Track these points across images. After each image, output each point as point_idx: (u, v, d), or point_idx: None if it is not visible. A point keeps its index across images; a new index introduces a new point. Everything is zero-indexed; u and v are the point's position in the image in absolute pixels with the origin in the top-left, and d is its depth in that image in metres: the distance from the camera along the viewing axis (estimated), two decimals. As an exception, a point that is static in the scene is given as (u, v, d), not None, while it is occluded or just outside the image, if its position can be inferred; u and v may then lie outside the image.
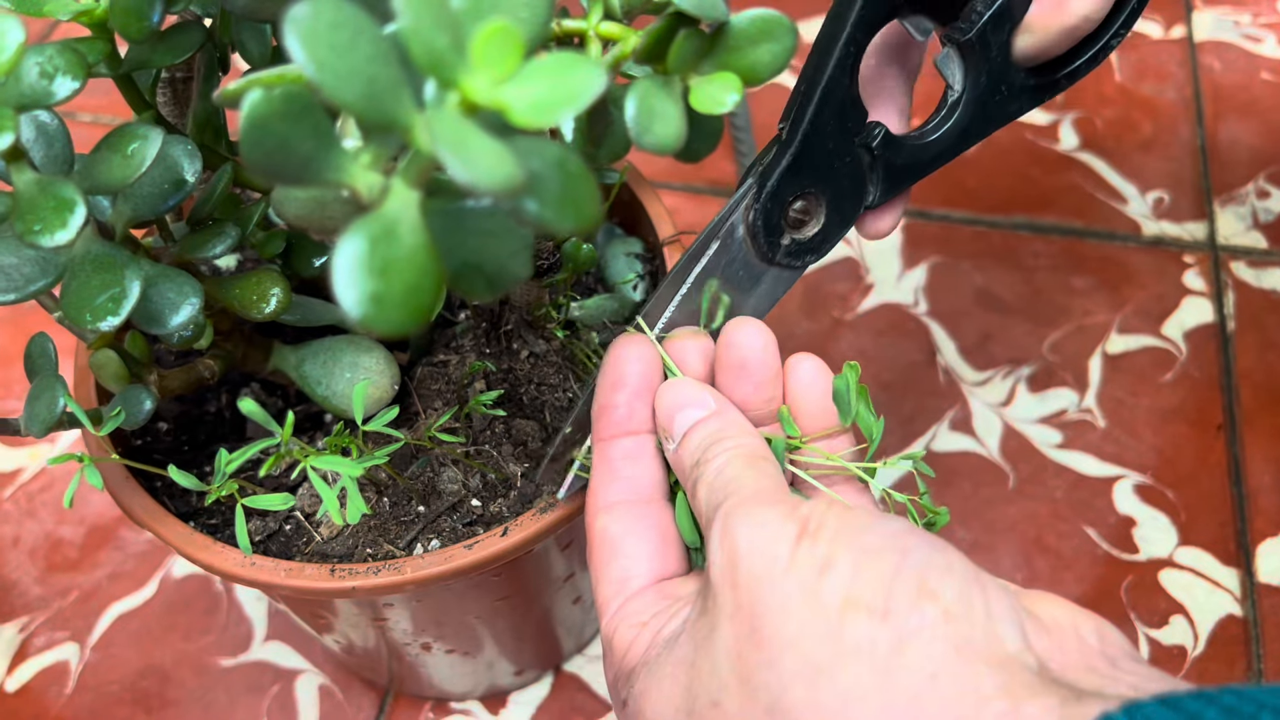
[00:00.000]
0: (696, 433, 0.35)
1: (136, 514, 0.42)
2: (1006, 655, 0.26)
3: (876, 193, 0.38)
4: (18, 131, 0.25)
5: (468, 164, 0.19)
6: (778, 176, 0.36)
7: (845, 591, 0.27)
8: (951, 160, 0.39)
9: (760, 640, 0.27)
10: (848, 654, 0.26)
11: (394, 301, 0.21)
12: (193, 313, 0.33)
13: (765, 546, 0.28)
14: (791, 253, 0.38)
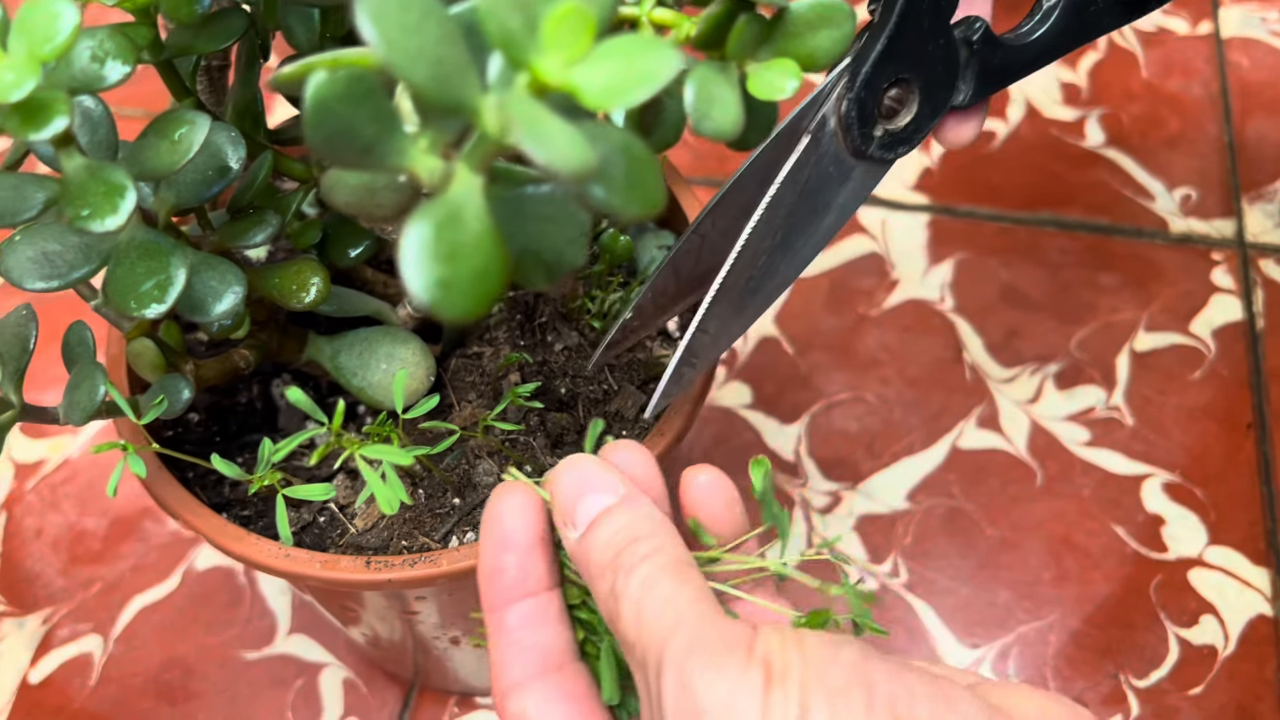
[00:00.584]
0: (605, 525, 0.31)
1: (170, 505, 0.42)
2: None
3: (968, 91, 0.37)
4: (72, 116, 0.25)
5: (545, 147, 0.19)
6: (873, 62, 0.35)
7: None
8: (1039, 69, 0.38)
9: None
10: None
11: (461, 287, 0.21)
12: (236, 301, 0.32)
13: (732, 701, 0.27)
14: (884, 144, 0.37)
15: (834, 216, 0.37)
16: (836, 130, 0.35)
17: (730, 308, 0.37)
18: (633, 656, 0.29)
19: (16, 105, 0.25)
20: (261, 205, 0.36)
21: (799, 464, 0.66)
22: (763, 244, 0.36)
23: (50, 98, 0.25)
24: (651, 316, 0.39)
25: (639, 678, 0.29)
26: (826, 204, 0.37)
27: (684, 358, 0.37)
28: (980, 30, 0.36)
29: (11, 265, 0.31)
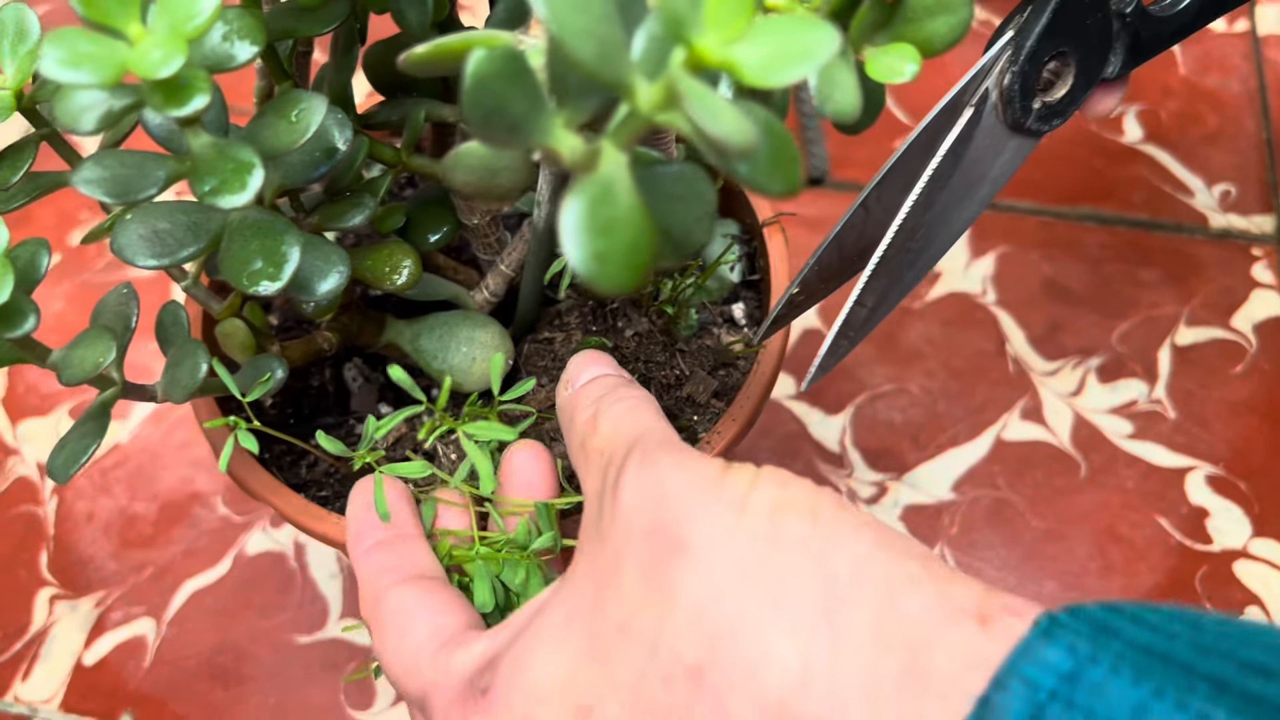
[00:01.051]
0: (601, 382, 0.35)
1: (251, 486, 0.42)
2: (924, 553, 0.27)
3: (1118, 63, 0.38)
4: (212, 94, 0.26)
5: (716, 121, 0.19)
6: (1037, 36, 0.35)
7: (775, 500, 0.27)
8: (1183, 40, 0.39)
9: (685, 547, 0.27)
10: (781, 549, 0.26)
11: (616, 259, 0.21)
12: (340, 281, 0.33)
13: (692, 472, 0.29)
14: (1041, 116, 0.38)
15: (988, 188, 0.38)
16: (998, 103, 0.36)
17: (887, 281, 0.38)
18: (596, 465, 0.32)
19: (159, 82, 0.25)
20: (357, 188, 0.36)
21: (844, 455, 0.67)
22: (922, 217, 0.37)
23: (192, 75, 0.25)
24: (816, 291, 0.40)
25: (592, 480, 0.32)
26: (981, 176, 0.38)
27: (841, 331, 0.38)
28: (1134, 2, 0.37)
29: (124, 243, 0.31)
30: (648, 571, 0.27)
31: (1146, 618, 0.24)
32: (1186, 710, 0.21)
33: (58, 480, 0.33)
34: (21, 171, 0.35)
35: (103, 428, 0.34)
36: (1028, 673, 0.23)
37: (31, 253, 0.31)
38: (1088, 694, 0.22)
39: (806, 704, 0.25)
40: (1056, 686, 0.22)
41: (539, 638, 0.29)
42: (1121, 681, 0.22)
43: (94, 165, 0.29)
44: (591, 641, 0.28)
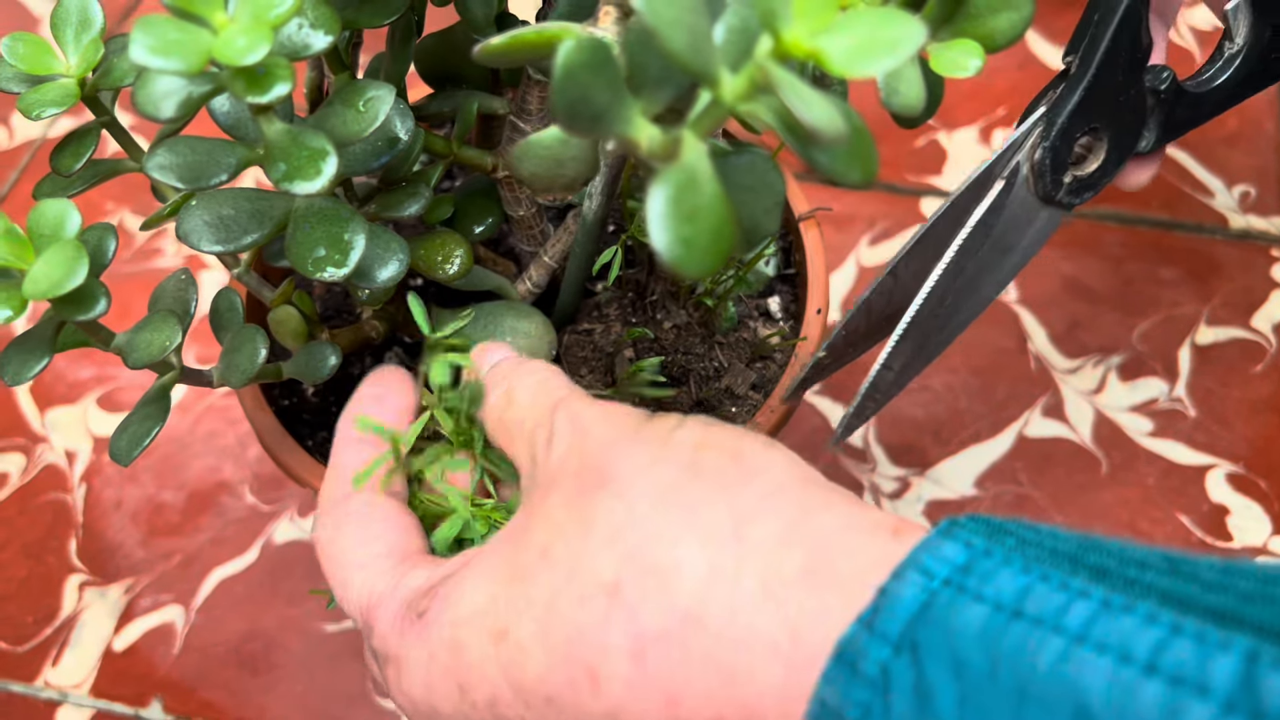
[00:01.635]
0: (507, 362, 0.35)
1: (296, 471, 0.43)
2: (847, 493, 0.29)
3: (1152, 138, 0.38)
4: (294, 81, 0.26)
5: (810, 109, 0.20)
6: (1069, 113, 0.36)
7: (699, 438, 0.29)
8: (1219, 114, 0.39)
9: (607, 479, 0.28)
10: (699, 477, 0.28)
11: (701, 245, 0.22)
12: (400, 269, 0.33)
13: (616, 419, 0.30)
14: (1072, 190, 0.38)
15: (1017, 257, 0.39)
16: (1029, 177, 0.37)
17: (914, 345, 0.38)
18: (518, 434, 0.32)
19: (241, 70, 0.26)
20: (411, 178, 0.37)
21: (867, 450, 0.68)
22: (951, 285, 0.38)
23: (273, 63, 0.26)
24: (843, 355, 0.41)
25: (520, 448, 0.32)
26: (1011, 245, 0.39)
27: (868, 393, 0.39)
28: (1168, 80, 0.37)
29: (189, 229, 0.32)
30: (571, 502, 0.29)
31: (1039, 527, 0.26)
32: (1068, 590, 0.23)
33: (120, 462, 0.34)
34: (84, 158, 0.35)
35: (164, 410, 0.35)
36: (925, 563, 0.24)
37: (99, 236, 0.32)
38: (978, 580, 0.24)
39: (711, 607, 0.26)
40: (950, 575, 0.24)
41: (472, 569, 0.31)
42: (1011, 570, 0.24)
43: (167, 151, 0.30)
44: (514, 568, 0.29)
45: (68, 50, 0.35)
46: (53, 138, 0.86)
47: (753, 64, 0.22)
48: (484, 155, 0.40)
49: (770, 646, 0.25)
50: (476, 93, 0.39)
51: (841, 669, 0.24)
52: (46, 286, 0.29)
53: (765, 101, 0.23)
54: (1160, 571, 0.23)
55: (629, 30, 0.24)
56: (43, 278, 0.29)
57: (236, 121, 0.32)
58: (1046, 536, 0.25)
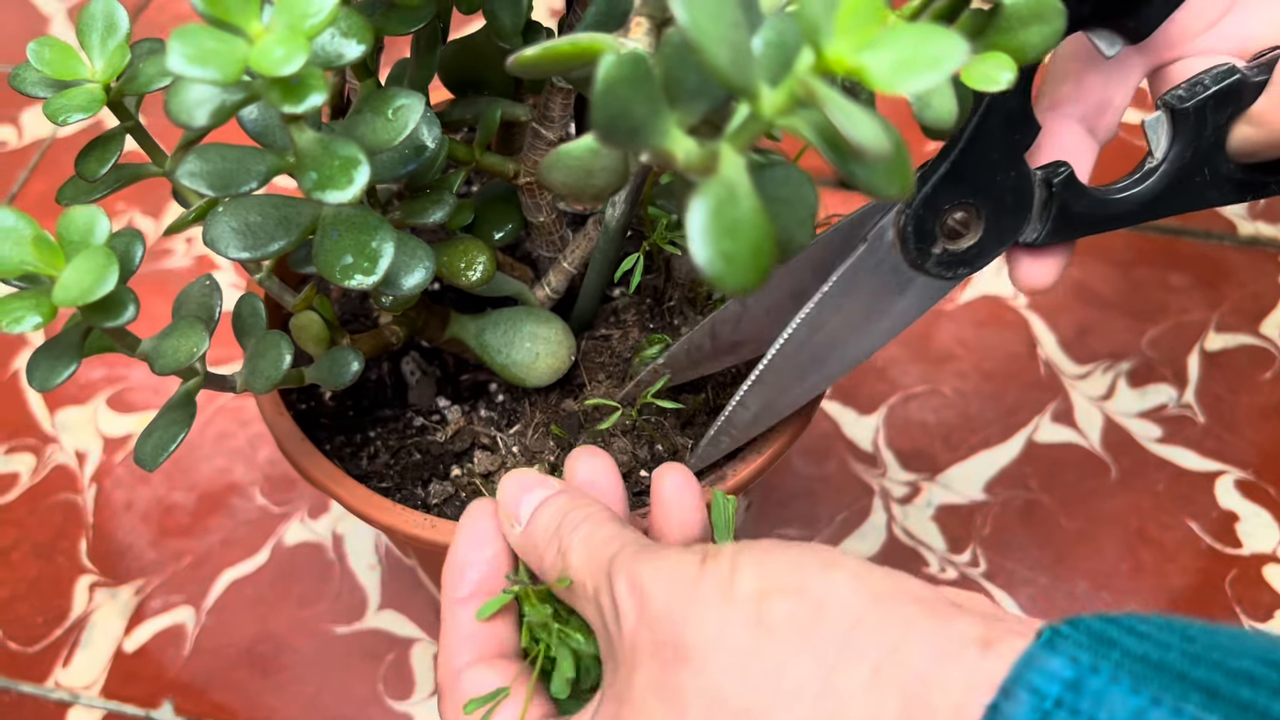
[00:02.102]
0: (548, 507, 0.34)
1: (315, 476, 0.43)
2: (920, 594, 0.28)
3: (1043, 230, 0.37)
4: (328, 91, 0.26)
5: (855, 126, 0.20)
6: (934, 182, 0.35)
7: (757, 584, 0.28)
8: (1128, 226, 0.37)
9: (684, 654, 0.28)
10: (772, 632, 0.27)
11: (741, 260, 0.22)
12: (426, 276, 0.34)
13: (673, 576, 0.29)
14: (943, 262, 0.37)
15: (889, 322, 0.38)
16: (895, 241, 0.36)
17: (773, 391, 0.38)
18: (584, 597, 0.32)
19: (276, 79, 0.26)
20: (435, 185, 0.37)
21: (877, 454, 0.68)
22: (812, 336, 0.37)
23: (307, 73, 0.26)
24: (684, 368, 0.41)
25: (592, 614, 0.32)
26: (881, 310, 0.38)
27: (723, 427, 0.39)
28: (1064, 175, 0.36)
29: (216, 235, 0.32)
30: (658, 685, 0.28)
31: (1140, 628, 0.25)
32: (1182, 715, 0.22)
33: (146, 468, 0.34)
34: (110, 164, 0.35)
35: (190, 416, 0.35)
36: (1034, 681, 0.24)
37: (127, 242, 0.32)
38: (1091, 701, 0.23)
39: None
40: (1061, 694, 0.24)
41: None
42: (1121, 689, 0.23)
43: (197, 159, 0.30)
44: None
45: (93, 55, 0.35)
46: (64, 137, 0.86)
47: (793, 78, 0.22)
48: (505, 162, 0.40)
49: None
50: (499, 99, 0.39)
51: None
52: (77, 294, 0.29)
53: (804, 115, 0.23)
54: (1272, 691, 0.23)
55: (667, 43, 0.24)
56: (73, 284, 0.29)
57: (265, 129, 0.32)
58: (1151, 645, 0.24)
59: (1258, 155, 0.36)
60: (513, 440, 0.45)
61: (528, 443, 0.45)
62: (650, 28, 0.29)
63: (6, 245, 0.30)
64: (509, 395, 0.47)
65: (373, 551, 0.65)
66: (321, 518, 0.67)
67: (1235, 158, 0.36)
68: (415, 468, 0.46)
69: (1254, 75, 0.35)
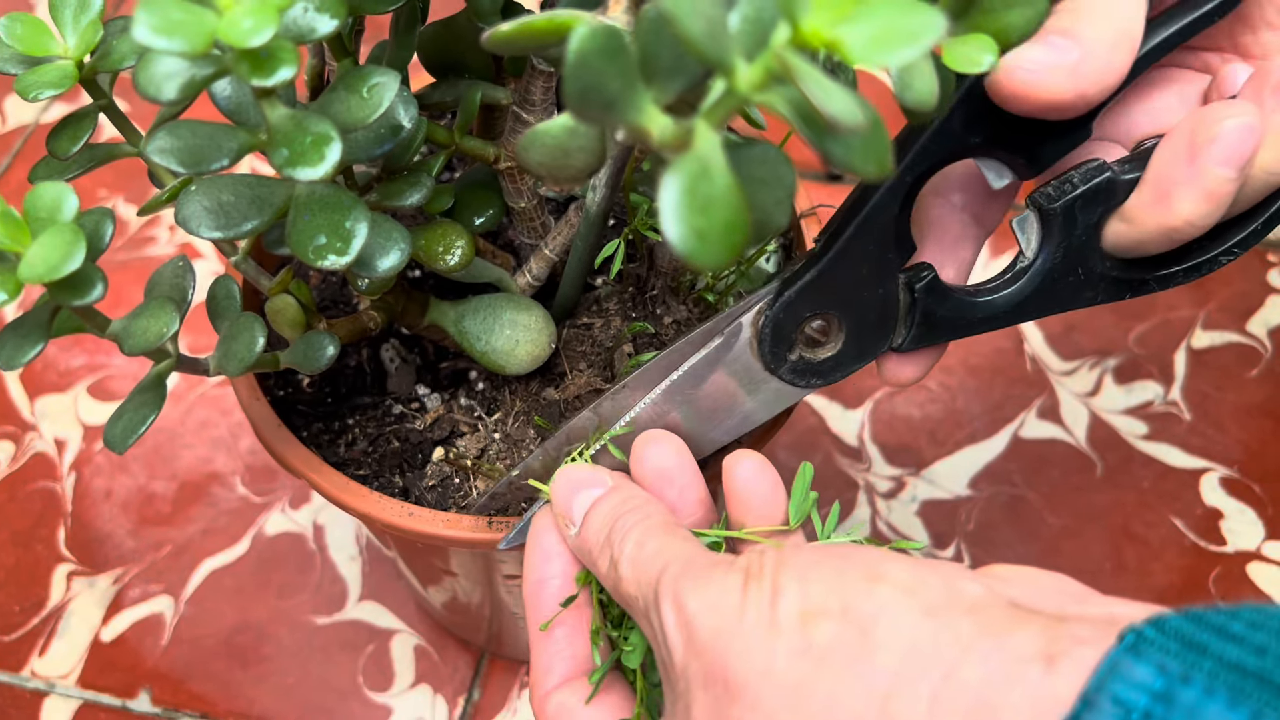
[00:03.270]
0: (598, 510, 0.34)
1: (291, 462, 0.42)
2: (974, 602, 0.26)
3: (907, 336, 0.36)
4: (299, 65, 0.26)
5: (830, 99, 0.19)
6: (797, 290, 0.35)
7: (800, 607, 0.27)
8: (998, 329, 0.36)
9: (735, 690, 0.27)
10: (821, 662, 0.26)
11: (714, 237, 0.22)
12: (401, 258, 0.33)
13: (716, 602, 0.28)
14: (797, 370, 0.36)
15: (738, 420, 0.37)
16: (752, 340, 0.36)
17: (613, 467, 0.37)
18: (638, 611, 0.32)
19: (245, 52, 0.25)
20: (413, 168, 0.36)
21: (862, 449, 0.67)
22: (655, 422, 0.37)
23: (279, 46, 0.25)
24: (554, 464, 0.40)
25: (646, 629, 0.31)
26: (731, 407, 0.37)
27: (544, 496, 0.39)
28: (926, 279, 0.35)
29: (188, 214, 0.32)
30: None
31: (1232, 628, 0.23)
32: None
33: (115, 450, 0.33)
34: (81, 142, 0.35)
35: (160, 399, 0.34)
36: (1119, 692, 0.23)
37: (96, 220, 0.31)
38: (1183, 716, 0.22)
39: None
40: (1150, 707, 0.22)
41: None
42: (1217, 704, 0.22)
43: (167, 135, 0.29)
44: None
45: (66, 31, 0.34)
46: (46, 123, 0.85)
47: (769, 53, 0.22)
48: (486, 146, 0.39)
49: None
50: (480, 82, 0.39)
51: None
52: (43, 270, 0.28)
53: (780, 91, 0.22)
54: None
55: (642, 18, 0.24)
56: (39, 261, 0.29)
57: (238, 106, 0.31)
58: (1247, 651, 0.23)
59: (1133, 252, 0.35)
60: (494, 428, 0.45)
61: (509, 431, 0.45)
62: (629, 5, 0.28)
63: (-28, 221, 0.29)
64: (489, 383, 0.46)
65: (354, 542, 0.65)
66: (303, 508, 0.66)
67: (1112, 254, 0.35)
68: (393, 455, 0.45)
69: (1124, 172, 0.34)
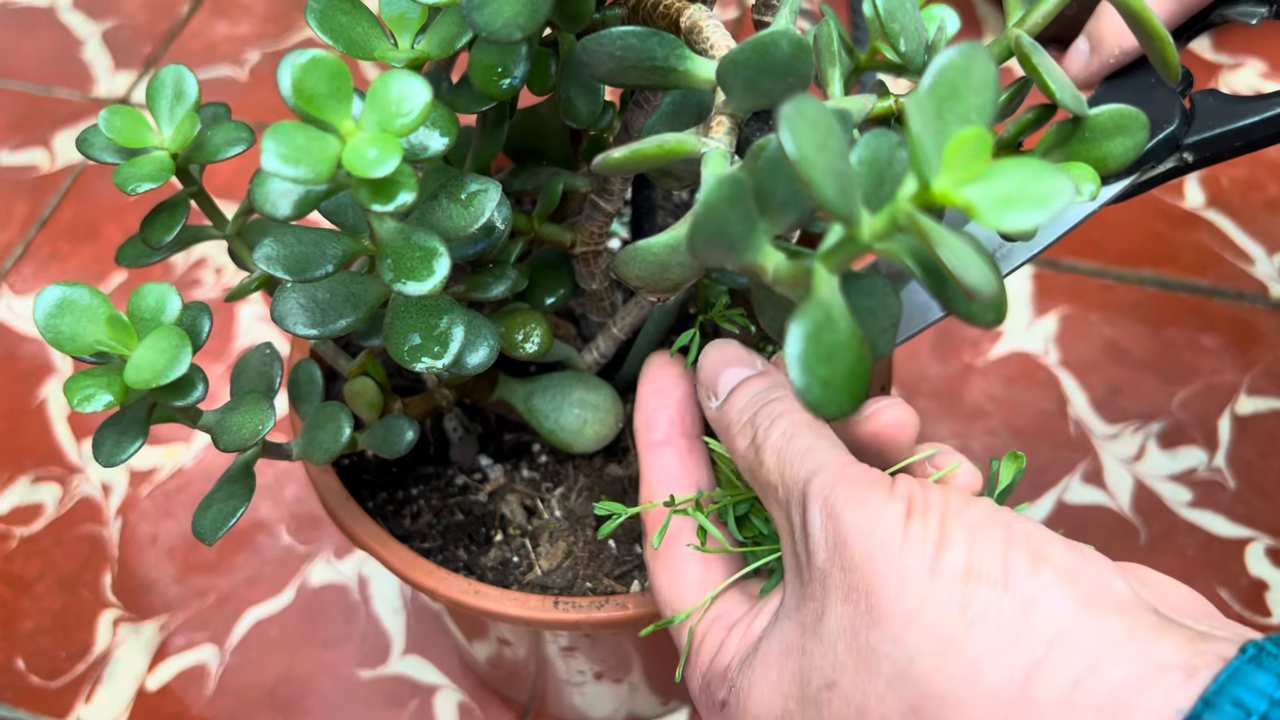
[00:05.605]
0: (746, 389, 0.34)
1: (359, 537, 0.43)
2: (1125, 602, 0.27)
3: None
4: (418, 190, 0.26)
5: (969, 272, 0.20)
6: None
7: (964, 565, 0.28)
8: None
9: (880, 617, 0.28)
10: (975, 622, 0.27)
11: (838, 385, 0.22)
12: (490, 354, 0.33)
13: (874, 527, 0.29)
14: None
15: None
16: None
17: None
18: (774, 498, 0.32)
19: (369, 179, 0.26)
20: (497, 258, 0.37)
21: (906, 509, 0.68)
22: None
23: (399, 172, 0.26)
24: None
25: (779, 516, 0.32)
26: None
27: None
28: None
29: (284, 311, 0.32)
30: (848, 636, 0.28)
31: None
32: None
33: (205, 543, 0.34)
34: (174, 232, 0.35)
35: (249, 490, 0.35)
36: (1240, 694, 0.24)
37: (194, 317, 0.32)
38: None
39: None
40: (1269, 712, 0.23)
41: (758, 673, 0.31)
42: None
43: (273, 242, 0.29)
44: (803, 689, 0.29)
45: (162, 123, 0.35)
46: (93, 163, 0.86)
47: (894, 207, 0.22)
48: (564, 232, 0.40)
49: None
50: (561, 171, 0.39)
51: None
52: (150, 375, 0.29)
53: (902, 240, 0.23)
54: None
55: (760, 157, 0.24)
56: (146, 366, 0.29)
57: (339, 208, 0.32)
58: None
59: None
60: (556, 503, 0.45)
61: (571, 505, 0.45)
62: (731, 126, 0.29)
63: (81, 323, 0.30)
64: (552, 456, 0.47)
65: (397, 595, 0.65)
66: (347, 558, 0.67)
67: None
68: (458, 528, 0.46)
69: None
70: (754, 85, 0.27)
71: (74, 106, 0.89)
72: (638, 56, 0.29)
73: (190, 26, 0.95)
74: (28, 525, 0.68)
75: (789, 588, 0.32)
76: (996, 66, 0.23)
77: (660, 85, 0.30)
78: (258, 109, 0.71)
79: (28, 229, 0.81)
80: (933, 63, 0.22)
